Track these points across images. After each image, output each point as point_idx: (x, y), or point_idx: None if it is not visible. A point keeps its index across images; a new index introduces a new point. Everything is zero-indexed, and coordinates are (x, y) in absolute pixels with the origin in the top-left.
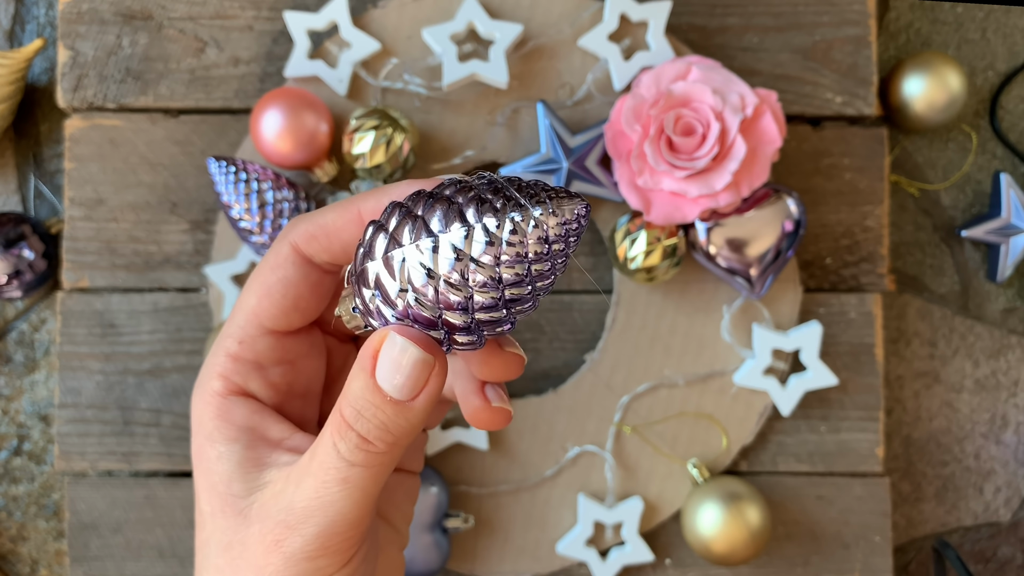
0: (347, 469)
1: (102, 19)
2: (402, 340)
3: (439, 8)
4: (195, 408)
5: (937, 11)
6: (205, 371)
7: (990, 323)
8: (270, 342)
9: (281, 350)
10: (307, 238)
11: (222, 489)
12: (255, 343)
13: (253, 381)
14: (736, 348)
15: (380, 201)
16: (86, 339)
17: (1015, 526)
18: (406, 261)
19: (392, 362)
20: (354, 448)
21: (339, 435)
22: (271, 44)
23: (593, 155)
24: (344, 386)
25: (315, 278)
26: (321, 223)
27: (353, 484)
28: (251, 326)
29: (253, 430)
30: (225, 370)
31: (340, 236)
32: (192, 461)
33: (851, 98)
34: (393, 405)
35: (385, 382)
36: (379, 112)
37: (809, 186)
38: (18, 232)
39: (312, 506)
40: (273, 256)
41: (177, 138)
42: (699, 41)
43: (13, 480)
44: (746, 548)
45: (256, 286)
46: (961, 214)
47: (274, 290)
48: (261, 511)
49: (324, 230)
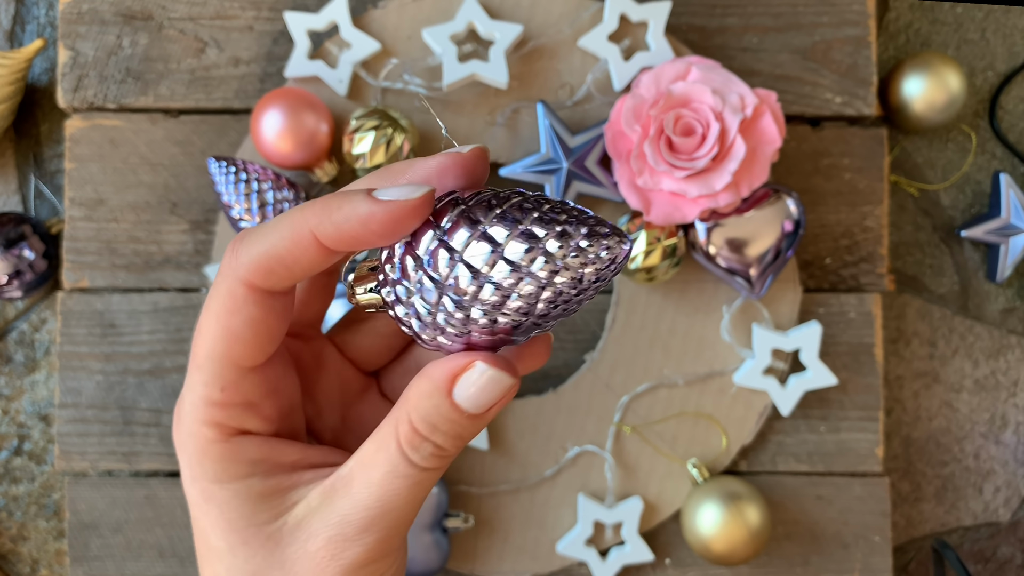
0: (419, 475)
1: (102, 19)
2: (484, 366)
3: (439, 8)
4: (189, 453)
5: (936, 11)
6: (189, 419)
7: (989, 323)
8: (253, 379)
9: (265, 382)
10: (263, 274)
11: (242, 523)
12: (240, 385)
13: (249, 420)
14: (736, 348)
15: (329, 223)
16: (86, 339)
17: (1014, 526)
18: (463, 267)
19: (474, 385)
20: (429, 456)
21: (412, 446)
22: (271, 44)
23: (593, 155)
24: (408, 400)
25: (280, 305)
26: (275, 255)
27: (422, 487)
28: (229, 371)
29: (266, 461)
30: (215, 418)
31: (300, 264)
32: (190, 500)
33: (851, 98)
34: (470, 418)
35: (465, 401)
36: (379, 112)
37: (809, 186)
38: (18, 232)
39: (374, 515)
40: (227, 299)
41: (177, 138)
42: (699, 41)
43: (13, 480)
44: (746, 548)
45: (220, 332)
46: (961, 214)
47: (243, 333)
48: (300, 530)
49: (282, 263)
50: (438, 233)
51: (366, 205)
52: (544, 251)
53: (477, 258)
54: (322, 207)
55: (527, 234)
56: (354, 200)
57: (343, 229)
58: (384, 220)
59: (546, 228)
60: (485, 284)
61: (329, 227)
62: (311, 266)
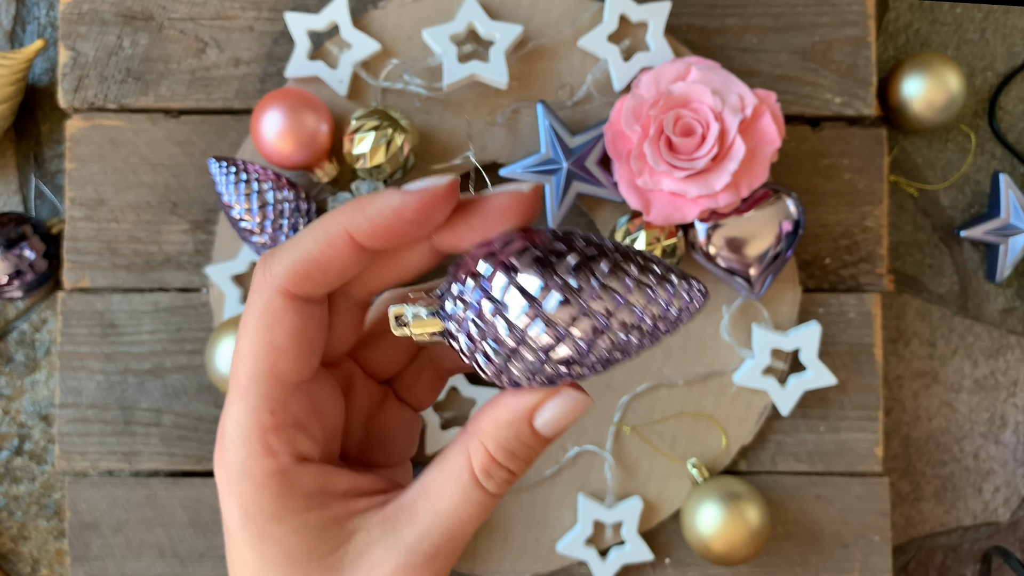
0: (489, 501)
1: (103, 20)
2: (574, 393)
3: (439, 9)
4: (244, 493)
5: (936, 12)
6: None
7: (989, 323)
8: (301, 397)
9: (310, 400)
10: (300, 279)
11: (303, 558)
12: (288, 405)
13: (301, 442)
14: (735, 348)
15: (362, 218)
16: (87, 339)
17: (1014, 525)
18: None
19: (558, 412)
20: (502, 482)
21: (487, 474)
22: (272, 45)
23: (593, 155)
24: (483, 429)
25: (318, 313)
26: (311, 260)
27: (487, 512)
28: (276, 389)
29: (321, 491)
30: (269, 444)
31: (335, 266)
32: (240, 541)
33: (850, 98)
34: (545, 442)
35: (545, 427)
36: (379, 112)
37: (808, 186)
38: (19, 232)
39: (442, 542)
40: (266, 312)
41: (178, 138)
42: (698, 42)
43: (14, 480)
44: (745, 547)
45: (262, 348)
46: (960, 214)
47: (286, 345)
48: (362, 560)
49: (318, 267)
50: (512, 277)
51: (398, 196)
52: (626, 304)
53: (555, 312)
54: (353, 206)
55: (607, 287)
56: (385, 194)
57: (377, 222)
58: (417, 207)
59: (624, 280)
60: (564, 339)
61: (363, 222)
62: (346, 267)
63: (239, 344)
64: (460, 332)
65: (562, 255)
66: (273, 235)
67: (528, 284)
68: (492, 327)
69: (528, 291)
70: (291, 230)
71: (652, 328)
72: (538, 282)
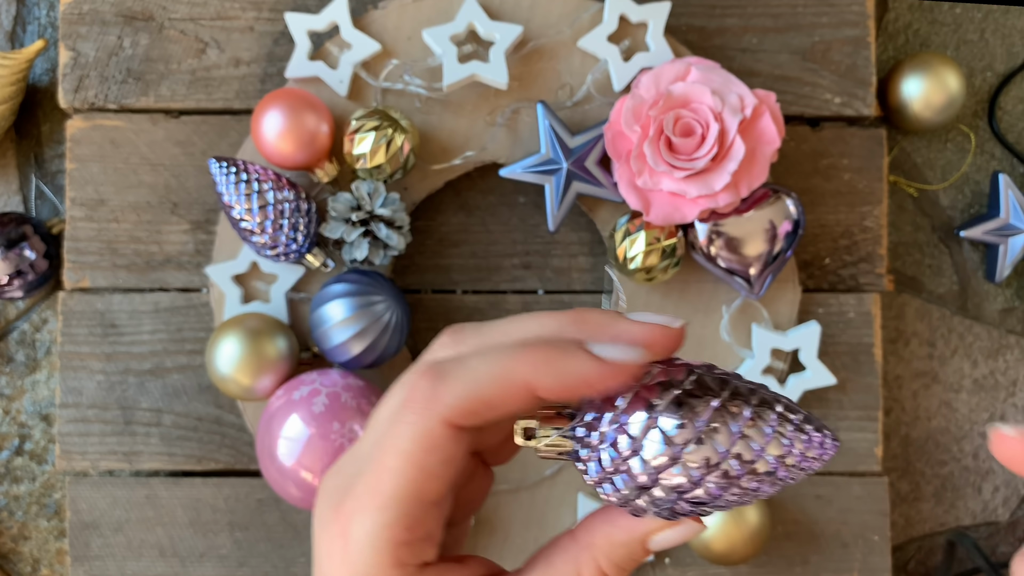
0: None
1: (103, 20)
2: (694, 523)
3: (439, 9)
4: None
5: (936, 12)
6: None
7: (988, 323)
8: (435, 513)
9: (442, 510)
10: (467, 415)
11: None
12: (424, 522)
13: (428, 551)
14: (735, 348)
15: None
16: (87, 339)
17: (1013, 525)
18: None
19: (674, 537)
20: None
21: None
22: (272, 45)
23: (593, 155)
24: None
25: (470, 438)
26: (483, 399)
27: None
28: (418, 508)
29: None
30: (401, 558)
31: (507, 408)
32: None
33: (850, 99)
34: (649, 554)
35: (657, 546)
36: (379, 113)
37: (808, 186)
38: (20, 232)
39: None
40: (424, 438)
41: (178, 139)
42: (698, 42)
43: (14, 479)
44: (745, 547)
45: (413, 471)
46: (960, 214)
47: (438, 472)
48: None
49: (490, 408)
50: (652, 416)
51: (591, 363)
52: (762, 454)
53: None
54: (537, 359)
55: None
56: (578, 357)
57: (566, 383)
58: (608, 378)
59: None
60: (701, 484)
61: (549, 380)
62: (517, 411)
63: (380, 456)
64: (591, 460)
65: (703, 396)
66: (273, 235)
67: (667, 425)
68: (626, 462)
69: (667, 433)
70: (291, 230)
71: (784, 477)
72: (677, 424)
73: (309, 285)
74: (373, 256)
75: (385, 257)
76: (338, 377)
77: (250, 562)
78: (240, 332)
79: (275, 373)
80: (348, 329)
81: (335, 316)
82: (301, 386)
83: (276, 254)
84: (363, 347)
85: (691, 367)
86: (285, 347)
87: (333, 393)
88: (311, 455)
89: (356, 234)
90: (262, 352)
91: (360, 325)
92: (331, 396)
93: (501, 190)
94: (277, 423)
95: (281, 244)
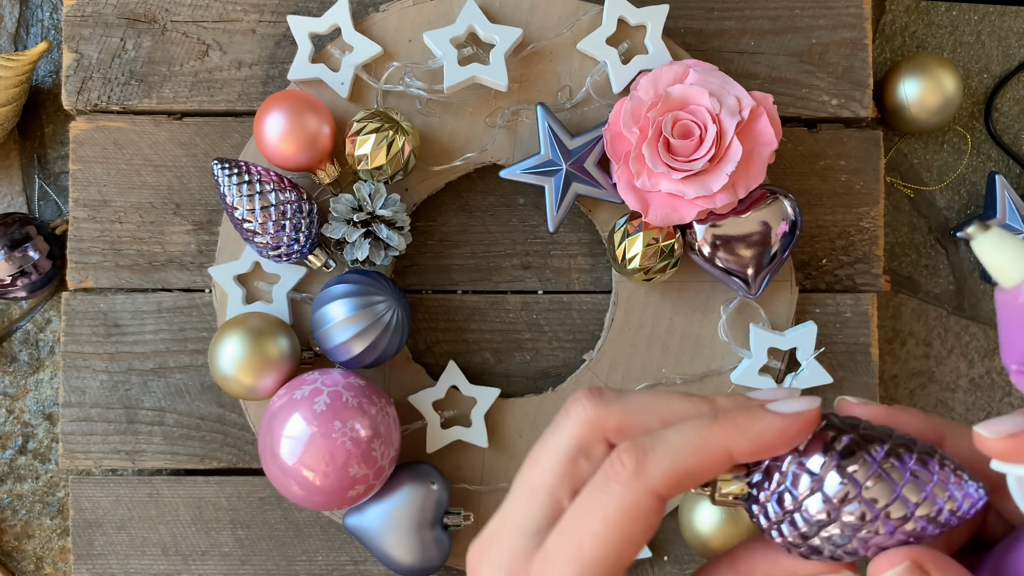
0: None
1: (106, 22)
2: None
3: (440, 12)
4: None
5: (932, 14)
6: None
7: (984, 323)
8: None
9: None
10: (673, 486)
11: None
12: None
13: None
14: (733, 347)
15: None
16: (90, 339)
17: None
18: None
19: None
20: None
21: None
22: (274, 47)
23: (592, 157)
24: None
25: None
26: (688, 471)
27: None
28: (616, 573)
29: None
30: None
31: (707, 476)
32: None
33: (847, 100)
34: None
35: None
36: (380, 115)
37: (805, 187)
38: (23, 233)
39: None
40: (633, 508)
41: (181, 140)
42: (696, 44)
43: (18, 478)
44: None
45: (619, 540)
46: (956, 215)
47: (640, 539)
48: None
49: (692, 477)
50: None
51: (779, 419)
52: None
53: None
54: (730, 426)
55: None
56: (765, 416)
57: (761, 443)
58: (796, 431)
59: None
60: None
61: (745, 444)
62: (714, 476)
63: (586, 522)
64: (769, 501)
65: (873, 441)
66: (275, 236)
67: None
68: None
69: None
70: (293, 231)
71: (947, 520)
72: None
73: (311, 285)
74: (374, 256)
75: (386, 257)
76: (340, 376)
77: (252, 560)
78: (242, 332)
79: (277, 372)
80: (349, 329)
81: (336, 316)
82: (303, 385)
83: (278, 254)
84: (364, 347)
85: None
86: (287, 347)
87: (335, 392)
88: (313, 454)
89: (357, 235)
90: (264, 352)
91: (361, 325)
92: (333, 395)
93: (501, 191)
94: (279, 422)
95: (283, 245)
